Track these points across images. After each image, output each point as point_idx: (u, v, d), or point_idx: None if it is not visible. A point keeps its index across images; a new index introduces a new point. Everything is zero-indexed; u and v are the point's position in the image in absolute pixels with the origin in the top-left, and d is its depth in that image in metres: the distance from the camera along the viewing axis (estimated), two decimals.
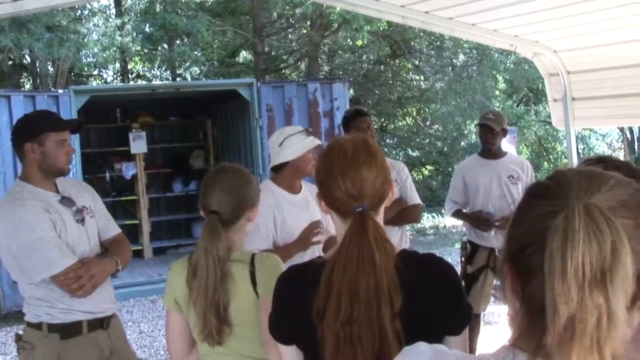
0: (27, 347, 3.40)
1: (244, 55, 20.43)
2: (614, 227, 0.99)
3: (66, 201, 3.46)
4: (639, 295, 1.03)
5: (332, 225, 2.61)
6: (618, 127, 22.21)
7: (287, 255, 3.54)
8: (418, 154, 19.77)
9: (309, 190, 3.94)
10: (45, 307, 3.37)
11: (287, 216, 3.78)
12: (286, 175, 3.91)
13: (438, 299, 1.81)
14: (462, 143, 18.75)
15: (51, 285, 3.33)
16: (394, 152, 19.25)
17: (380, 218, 1.93)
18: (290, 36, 18.94)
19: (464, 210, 5.82)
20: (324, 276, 1.80)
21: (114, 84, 20.65)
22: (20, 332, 3.54)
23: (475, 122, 15.65)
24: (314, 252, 3.74)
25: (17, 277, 3.41)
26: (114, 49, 16.98)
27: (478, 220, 5.60)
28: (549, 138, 20.77)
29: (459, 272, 5.40)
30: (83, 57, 16.26)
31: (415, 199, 5.01)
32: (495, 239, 5.55)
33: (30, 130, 3.43)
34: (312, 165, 3.82)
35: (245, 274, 2.50)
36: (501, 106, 18.02)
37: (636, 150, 22.28)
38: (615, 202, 1.04)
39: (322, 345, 1.77)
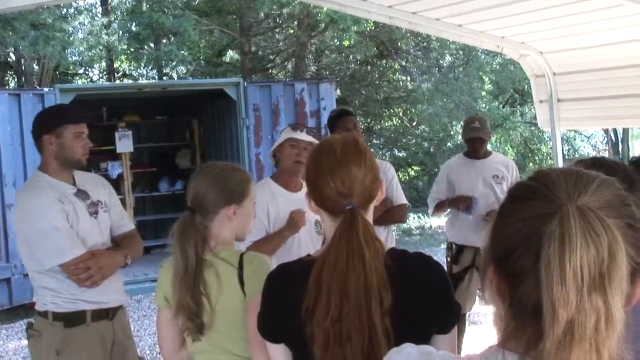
0: (36, 334, 3.53)
1: (231, 55, 20.40)
2: (610, 229, 0.99)
3: (81, 194, 3.60)
4: (630, 295, 1.04)
5: None
6: (603, 129, 22.34)
7: (281, 240, 3.68)
8: (404, 155, 19.80)
9: None
10: (50, 297, 3.48)
11: (281, 213, 3.81)
12: (281, 172, 3.99)
13: (427, 298, 1.82)
14: (449, 144, 18.78)
15: (58, 275, 3.45)
16: (381, 152, 19.27)
17: (370, 217, 1.93)
18: (277, 36, 18.93)
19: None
20: (313, 274, 1.80)
21: (101, 83, 20.56)
22: (33, 320, 3.67)
23: (462, 124, 15.71)
24: (309, 248, 3.74)
25: (28, 264, 3.56)
26: (100, 47, 16.91)
27: (460, 200, 5.61)
28: (535, 139, 20.84)
29: None
30: (69, 56, 16.18)
31: (401, 199, 5.02)
32: (479, 239, 5.56)
33: (48, 122, 3.58)
34: (292, 161, 3.85)
35: (232, 274, 2.50)
36: (487, 107, 18.08)
37: (620, 152, 22.41)
38: (603, 203, 1.04)
39: (312, 344, 1.78)
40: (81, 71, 21.16)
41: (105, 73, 21.38)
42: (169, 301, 2.61)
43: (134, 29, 16.69)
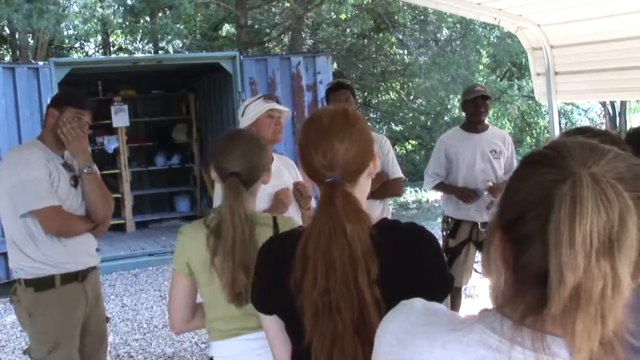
0: (15, 299, 3.85)
1: (226, 28, 20.28)
2: (622, 195, 0.99)
3: (66, 166, 3.91)
4: (637, 266, 1.04)
5: None
6: (600, 102, 22.31)
7: None
8: (401, 129, 19.77)
9: (281, 162, 3.96)
10: (20, 254, 3.76)
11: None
12: None
13: (417, 266, 1.82)
14: (446, 117, 18.75)
15: (30, 225, 3.74)
16: (377, 126, 19.25)
17: (359, 189, 1.91)
18: (273, 9, 18.81)
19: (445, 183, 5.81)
20: (299, 247, 1.81)
21: (96, 56, 20.45)
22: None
23: (458, 97, 15.64)
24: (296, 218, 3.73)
25: (5, 215, 3.83)
26: (95, 21, 16.80)
27: (465, 192, 5.56)
28: (532, 113, 20.82)
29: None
30: (64, 29, 16.06)
31: (397, 172, 5.00)
32: (476, 214, 5.56)
33: (57, 99, 4.06)
34: (272, 130, 3.85)
35: (268, 234, 2.50)
36: (484, 80, 18.01)
37: (617, 124, 22.40)
38: (616, 174, 1.04)
39: (302, 315, 1.79)
40: (76, 45, 21.03)
41: (100, 47, 21.27)
42: (192, 268, 2.59)
43: (129, 2, 16.57)
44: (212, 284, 2.56)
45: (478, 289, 7.58)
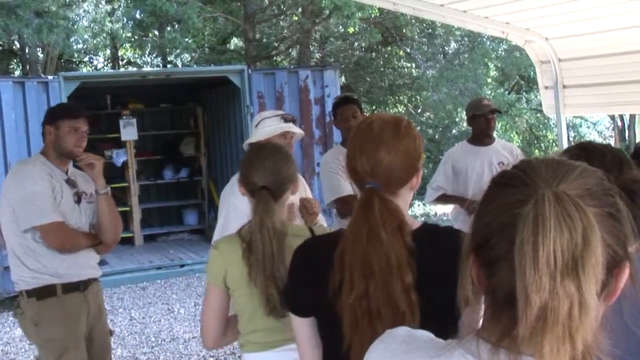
0: (19, 312, 3.90)
1: (234, 42, 20.34)
2: (585, 214, 0.98)
3: (70, 182, 3.96)
4: (607, 284, 1.02)
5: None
6: (609, 115, 22.26)
7: None
8: None
9: None
10: (21, 266, 3.80)
11: None
12: None
13: (456, 269, 1.81)
14: (454, 131, 18.73)
15: (30, 241, 3.79)
16: None
17: (400, 200, 1.91)
18: (281, 23, 18.85)
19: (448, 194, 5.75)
20: (337, 252, 1.81)
21: (104, 70, 20.55)
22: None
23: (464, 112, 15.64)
24: None
25: (7, 228, 3.87)
26: (104, 35, 16.88)
27: (468, 203, 5.49)
28: (540, 126, 20.76)
29: None
30: (73, 44, 16.16)
31: None
32: None
33: (51, 115, 4.03)
34: None
35: None
36: (492, 94, 17.99)
37: (627, 138, 22.34)
38: (583, 191, 1.03)
39: (341, 320, 1.79)
40: (85, 59, 21.15)
41: (109, 61, 21.37)
42: (228, 282, 2.59)
43: (137, 16, 16.66)
44: (252, 297, 2.56)
45: None
